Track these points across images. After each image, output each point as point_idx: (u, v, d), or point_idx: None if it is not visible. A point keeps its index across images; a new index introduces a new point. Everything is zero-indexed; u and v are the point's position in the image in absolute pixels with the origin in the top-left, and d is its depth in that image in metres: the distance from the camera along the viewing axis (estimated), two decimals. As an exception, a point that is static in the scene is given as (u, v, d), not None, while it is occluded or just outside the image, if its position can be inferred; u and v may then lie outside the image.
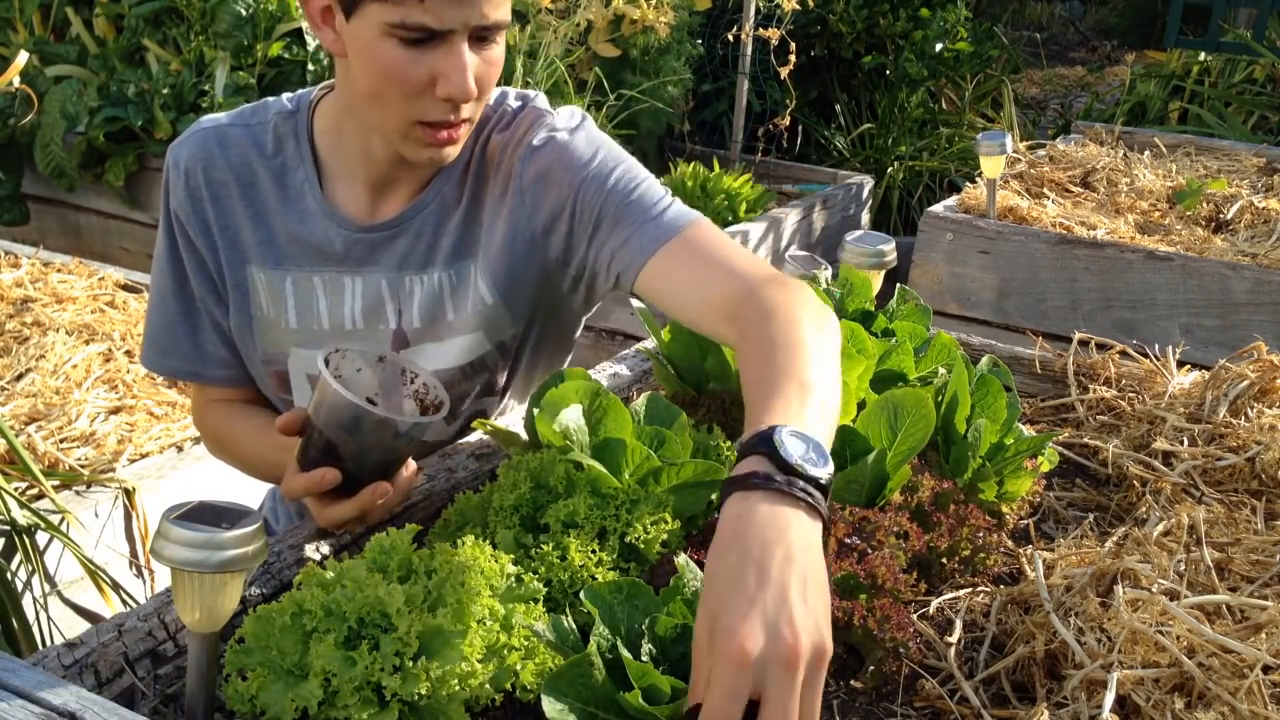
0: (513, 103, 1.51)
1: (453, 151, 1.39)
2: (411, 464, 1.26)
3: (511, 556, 1.10)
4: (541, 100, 1.51)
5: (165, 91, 4.13)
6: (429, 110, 1.32)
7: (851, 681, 1.12)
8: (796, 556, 0.89)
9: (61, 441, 2.14)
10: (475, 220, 1.49)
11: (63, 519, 1.91)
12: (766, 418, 1.01)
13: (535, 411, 1.28)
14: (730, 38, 4.72)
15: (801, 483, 0.93)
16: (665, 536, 1.17)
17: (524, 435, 1.35)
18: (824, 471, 0.96)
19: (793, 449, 0.95)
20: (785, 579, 0.87)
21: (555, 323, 1.59)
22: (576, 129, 1.46)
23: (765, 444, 0.96)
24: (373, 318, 1.51)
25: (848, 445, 1.30)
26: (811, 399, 1.06)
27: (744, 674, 0.83)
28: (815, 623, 0.86)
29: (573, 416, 1.25)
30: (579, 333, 1.68)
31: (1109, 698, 1.03)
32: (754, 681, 0.83)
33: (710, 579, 0.90)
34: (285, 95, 1.55)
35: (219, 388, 1.61)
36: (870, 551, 1.15)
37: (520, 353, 1.58)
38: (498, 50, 1.34)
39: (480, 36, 1.30)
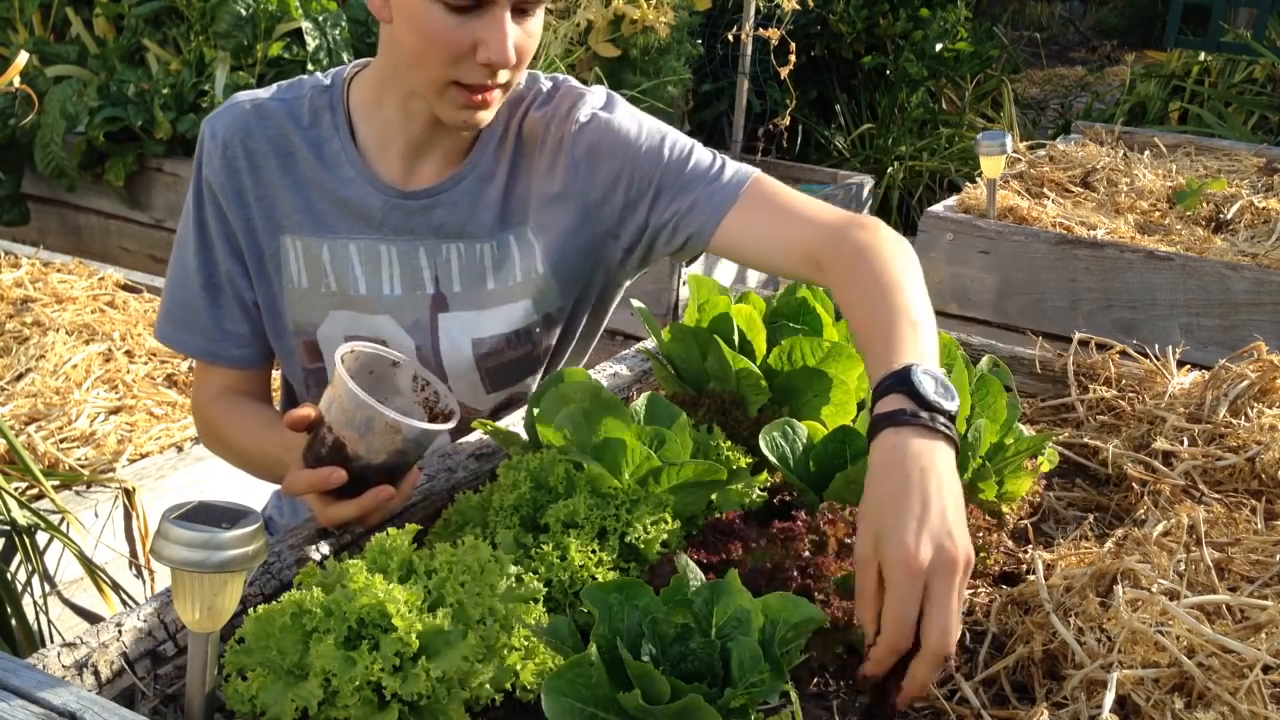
0: (545, 83, 1.58)
1: (486, 116, 1.45)
2: (416, 472, 1.27)
3: (512, 556, 1.10)
4: (573, 80, 1.59)
5: (165, 91, 4.13)
6: (467, 73, 1.39)
7: (852, 681, 1.12)
8: (946, 482, 1.06)
9: (61, 441, 2.14)
10: (515, 193, 1.55)
11: (63, 519, 1.91)
12: (895, 358, 1.17)
13: (535, 411, 1.28)
14: (730, 38, 4.72)
15: (940, 417, 1.10)
16: (665, 536, 1.17)
17: (524, 435, 1.35)
18: (954, 405, 1.12)
19: (928, 386, 1.11)
20: (942, 500, 1.04)
21: (598, 298, 1.65)
22: (614, 105, 1.56)
23: (904, 383, 1.12)
24: (410, 283, 1.55)
25: (848, 445, 1.30)
26: (924, 334, 1.22)
27: (918, 580, 1.00)
28: (965, 536, 1.04)
29: (573, 416, 1.25)
30: (614, 306, 1.73)
31: (1109, 698, 1.03)
32: (923, 587, 1.00)
33: (874, 503, 1.06)
34: (319, 73, 1.60)
35: (232, 370, 1.62)
36: (870, 551, 1.15)
37: (568, 327, 1.64)
38: (536, 23, 1.42)
39: (521, 8, 1.38)
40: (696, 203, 1.49)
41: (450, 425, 1.24)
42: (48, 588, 1.89)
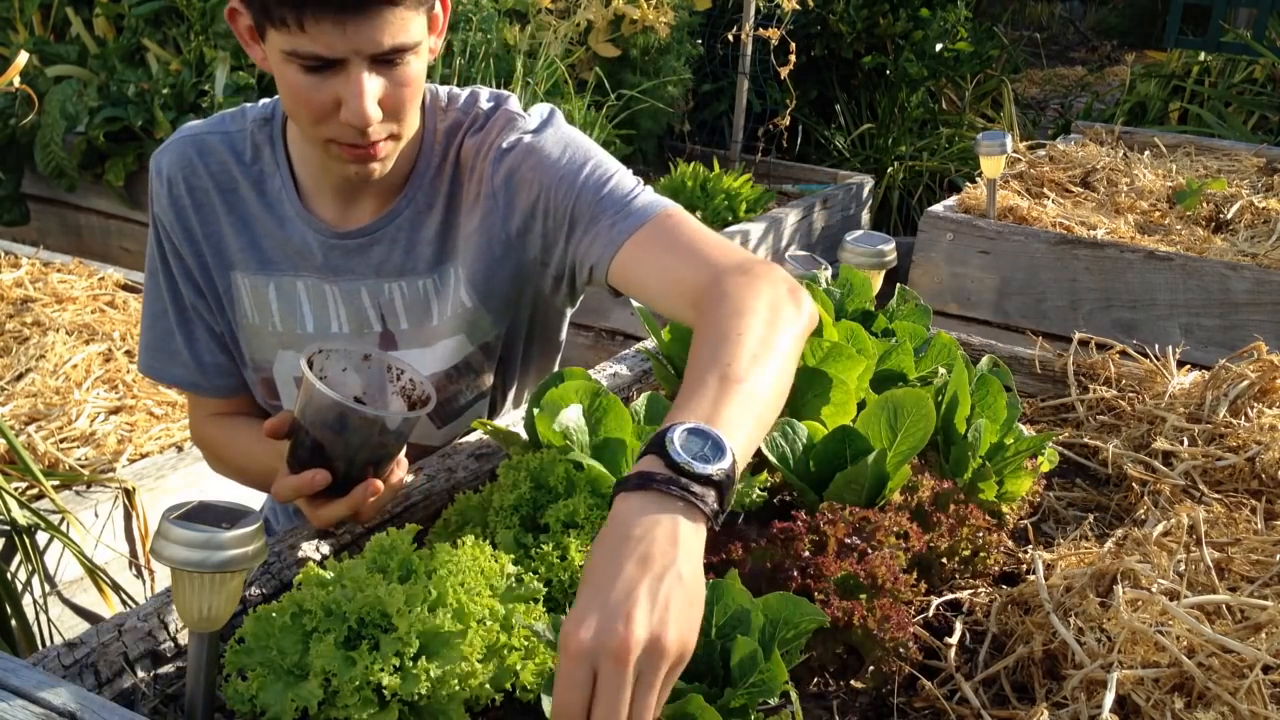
0: (484, 104, 1.50)
1: (378, 167, 1.37)
2: (403, 461, 1.26)
3: (511, 556, 1.10)
4: (513, 102, 1.51)
5: (165, 91, 4.13)
6: (339, 132, 1.32)
7: (851, 681, 1.12)
8: (657, 555, 0.91)
9: (61, 441, 2.14)
10: (452, 225, 1.49)
11: (63, 519, 1.91)
12: (676, 416, 1.03)
13: (535, 411, 1.28)
14: (730, 38, 4.72)
15: (685, 480, 0.95)
16: (665, 536, 1.17)
17: (524, 435, 1.35)
18: (714, 467, 0.96)
19: (684, 447, 0.97)
20: (637, 576, 0.89)
21: (540, 322, 1.60)
22: (545, 128, 1.46)
23: (657, 444, 0.98)
24: (356, 322, 1.51)
25: (848, 445, 1.30)
26: (736, 391, 1.06)
27: (575, 664, 0.86)
28: (661, 619, 0.87)
29: (573, 416, 1.25)
30: (564, 332, 1.68)
31: (1109, 698, 1.03)
32: (591, 672, 0.85)
33: (584, 576, 0.92)
34: (264, 101, 1.55)
35: (219, 399, 1.61)
36: (870, 551, 1.15)
37: (508, 355, 1.59)
38: (410, 70, 1.31)
39: (385, 60, 1.28)
40: (599, 234, 1.39)
41: (428, 409, 1.24)
42: (48, 588, 1.89)
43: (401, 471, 1.26)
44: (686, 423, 1.00)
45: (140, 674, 1.05)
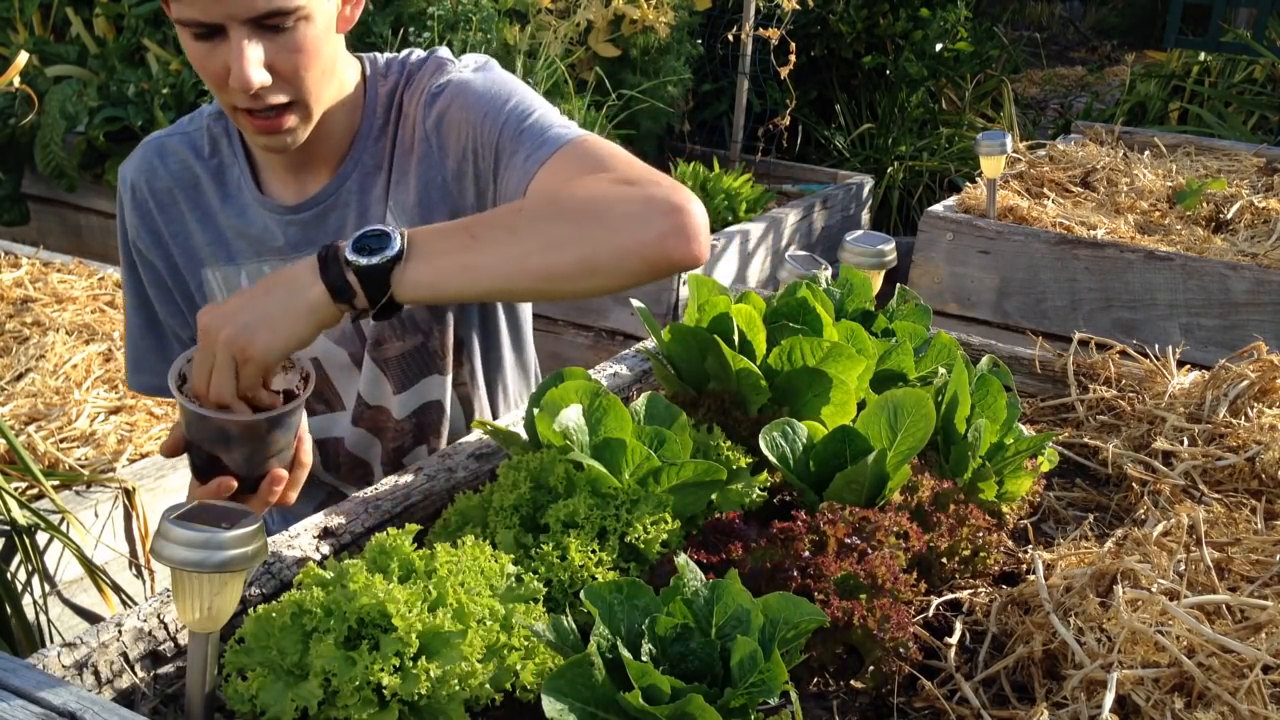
0: (415, 59, 1.53)
1: (289, 140, 1.40)
2: (306, 437, 1.28)
3: (511, 556, 1.10)
4: (444, 51, 1.53)
5: (165, 91, 4.12)
6: (236, 99, 1.34)
7: (851, 681, 1.12)
8: (267, 288, 1.21)
9: (61, 441, 2.14)
10: (395, 177, 1.51)
11: (63, 519, 1.91)
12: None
13: (535, 411, 1.28)
14: (730, 38, 4.72)
15: (324, 254, 1.20)
16: (665, 536, 1.17)
17: (524, 435, 1.35)
18: (362, 259, 1.18)
19: (355, 239, 1.20)
20: (246, 296, 1.21)
21: None
22: (478, 70, 1.48)
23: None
24: None
25: (848, 445, 1.30)
26: (459, 235, 1.22)
27: (205, 342, 1.19)
28: (226, 319, 1.18)
29: (573, 416, 1.25)
30: (528, 309, 1.68)
31: (1109, 698, 1.03)
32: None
33: None
34: None
35: None
36: (870, 551, 1.15)
37: (461, 317, 1.58)
38: (299, 35, 1.33)
39: (270, 25, 1.30)
40: (515, 166, 1.39)
41: (308, 392, 1.25)
42: (48, 588, 1.89)
43: (307, 447, 1.29)
44: (377, 229, 1.20)
45: (140, 674, 1.05)
